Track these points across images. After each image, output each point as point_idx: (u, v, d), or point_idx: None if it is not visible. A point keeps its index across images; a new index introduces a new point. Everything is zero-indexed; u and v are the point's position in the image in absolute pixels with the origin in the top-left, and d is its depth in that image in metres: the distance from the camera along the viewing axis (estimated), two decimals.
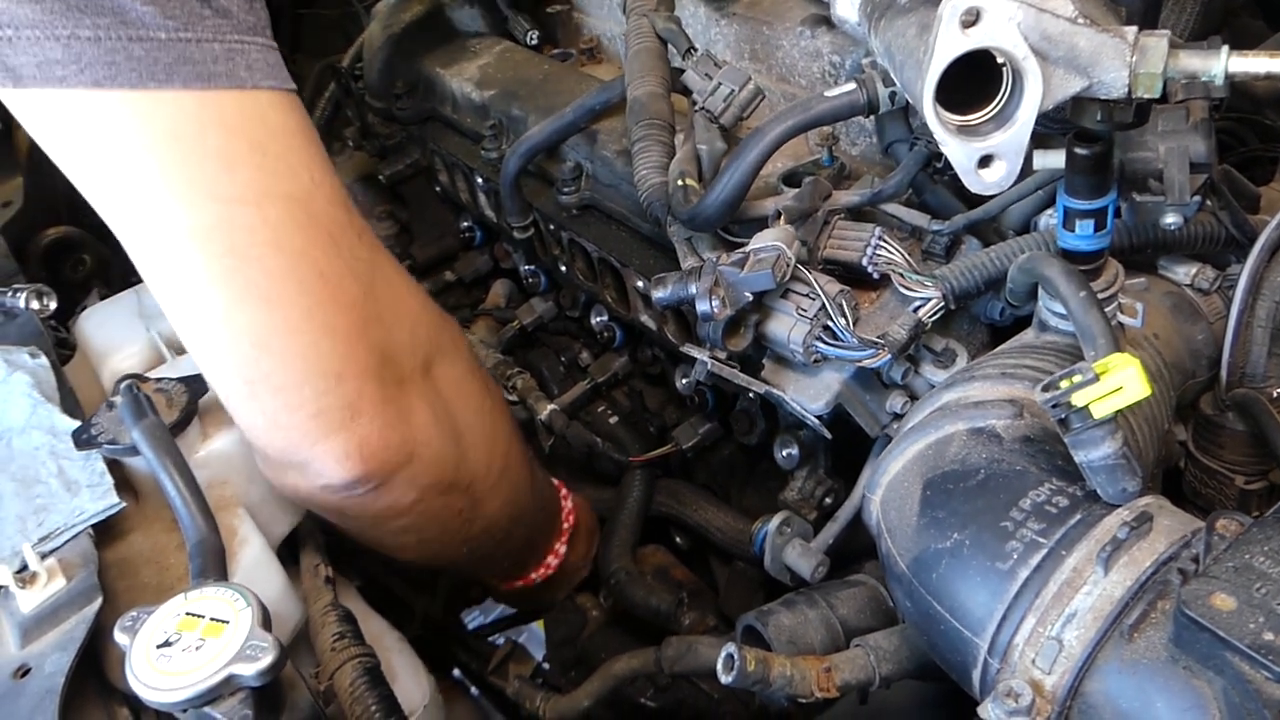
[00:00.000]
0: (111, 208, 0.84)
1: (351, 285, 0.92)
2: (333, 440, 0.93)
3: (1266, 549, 0.61)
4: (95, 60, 0.77)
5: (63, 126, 0.81)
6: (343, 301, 0.91)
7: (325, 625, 1.01)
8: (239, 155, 0.84)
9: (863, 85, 0.95)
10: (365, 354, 0.93)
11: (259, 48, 0.86)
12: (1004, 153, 0.74)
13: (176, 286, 0.87)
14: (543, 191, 1.39)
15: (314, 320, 0.89)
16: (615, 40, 1.60)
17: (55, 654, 0.82)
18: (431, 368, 1.03)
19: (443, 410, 1.04)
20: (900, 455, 0.82)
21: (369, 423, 0.94)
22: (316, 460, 0.94)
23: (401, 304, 1.00)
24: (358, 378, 0.93)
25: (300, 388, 0.90)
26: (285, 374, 0.90)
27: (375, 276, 0.95)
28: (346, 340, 0.91)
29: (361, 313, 0.93)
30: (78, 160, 0.83)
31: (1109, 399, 0.66)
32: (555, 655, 1.49)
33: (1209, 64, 0.71)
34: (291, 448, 0.94)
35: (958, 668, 0.72)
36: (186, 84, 0.80)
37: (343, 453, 0.93)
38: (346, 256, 0.91)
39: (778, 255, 0.95)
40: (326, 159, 0.93)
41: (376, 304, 0.95)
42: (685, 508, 1.42)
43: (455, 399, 1.07)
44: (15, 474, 0.95)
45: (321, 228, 0.89)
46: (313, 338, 0.89)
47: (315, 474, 0.95)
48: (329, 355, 0.91)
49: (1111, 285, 0.86)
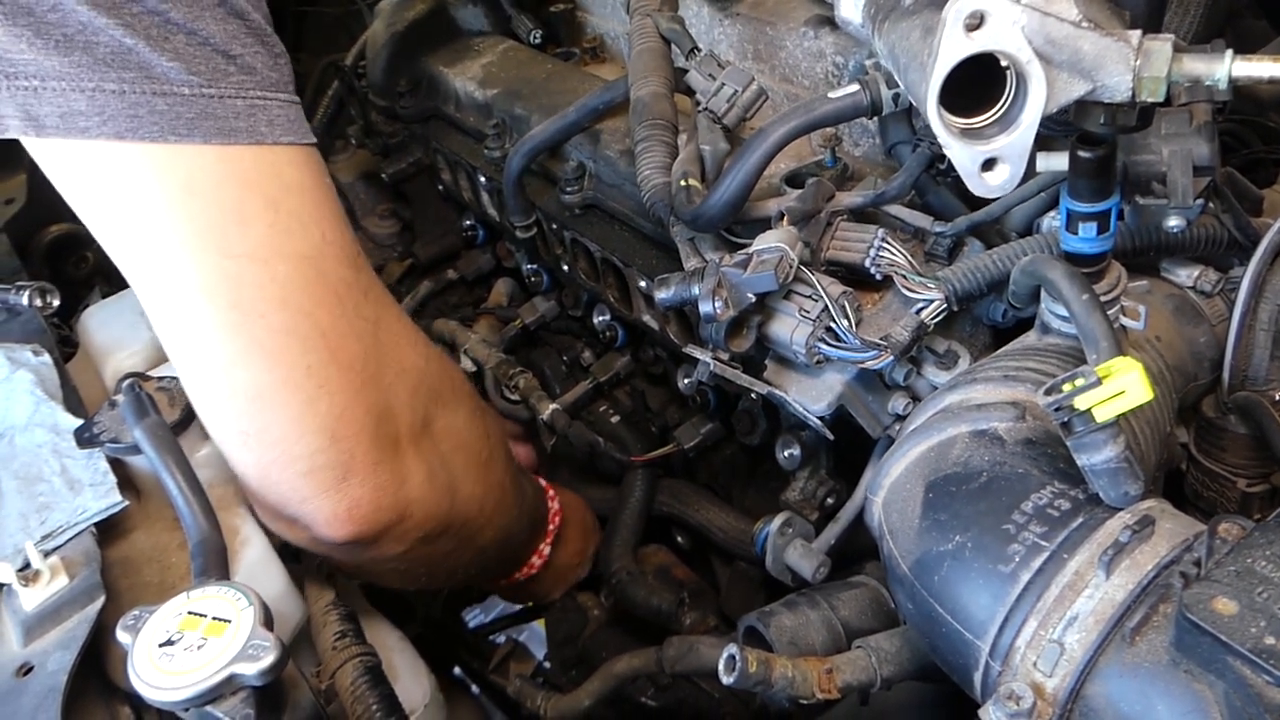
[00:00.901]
0: (124, 255, 0.86)
1: (354, 345, 0.92)
2: (323, 500, 0.93)
3: (1268, 553, 0.62)
4: (118, 113, 0.78)
5: (82, 175, 0.82)
6: (343, 361, 0.91)
7: (327, 624, 1.02)
8: (253, 212, 0.85)
9: (866, 87, 0.95)
10: (362, 415, 0.93)
11: (280, 103, 0.87)
12: (1007, 156, 0.74)
13: (180, 335, 0.88)
14: (546, 191, 1.39)
15: (313, 379, 0.89)
16: (619, 40, 1.60)
17: (58, 652, 0.82)
18: (431, 423, 1.04)
19: (439, 466, 1.04)
20: (903, 457, 0.82)
21: (361, 485, 0.94)
22: (306, 517, 0.95)
23: (404, 361, 1.00)
24: (352, 439, 0.93)
25: (294, 445, 0.91)
26: (280, 429, 0.90)
27: (379, 336, 0.96)
28: (344, 400, 0.92)
29: (361, 373, 0.93)
30: (94, 208, 0.84)
31: (1111, 403, 0.66)
32: (556, 654, 1.49)
33: (1213, 68, 0.70)
34: (283, 502, 0.95)
35: (959, 670, 0.72)
36: (207, 138, 0.81)
37: (332, 514, 0.94)
38: (351, 316, 0.92)
39: (780, 256, 0.95)
40: (340, 215, 0.94)
41: (378, 364, 0.95)
42: (687, 508, 1.42)
43: (453, 452, 1.08)
44: (18, 472, 0.95)
45: (329, 286, 0.90)
46: (310, 396, 0.90)
47: (304, 529, 0.96)
48: (325, 414, 0.91)
49: (1114, 288, 0.85)
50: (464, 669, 1.60)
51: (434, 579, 1.22)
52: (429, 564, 1.13)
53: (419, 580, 1.19)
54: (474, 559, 1.21)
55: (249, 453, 0.93)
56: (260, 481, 0.94)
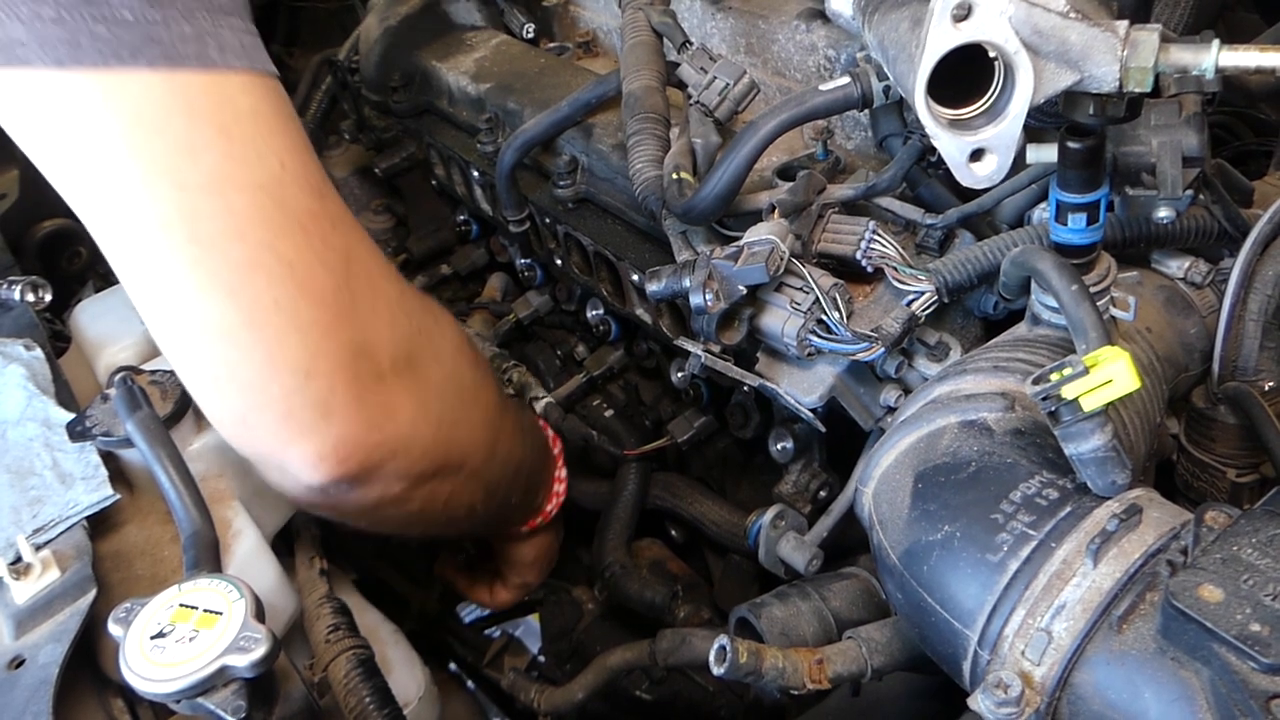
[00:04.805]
0: (74, 192, 0.82)
1: (323, 276, 0.88)
2: (305, 443, 0.90)
3: (1254, 541, 0.62)
4: (58, 40, 0.75)
5: (25, 107, 0.79)
6: (313, 294, 0.87)
7: (320, 617, 1.02)
8: (204, 141, 0.81)
9: (857, 79, 0.96)
10: (338, 349, 0.89)
11: (233, 29, 0.83)
12: (995, 146, 0.74)
13: (140, 274, 0.85)
14: (538, 185, 1.39)
15: (281, 313, 0.85)
16: (611, 34, 1.60)
17: (49, 645, 0.82)
18: (416, 358, 0.99)
19: (430, 400, 1.00)
20: (892, 448, 0.82)
21: (343, 423, 0.90)
22: (291, 463, 0.91)
23: (379, 296, 0.95)
24: (330, 374, 0.89)
25: (267, 385, 0.87)
26: (250, 369, 0.86)
27: (351, 267, 0.91)
28: (318, 334, 0.87)
29: (334, 306, 0.88)
30: (41, 143, 0.81)
31: (1099, 392, 0.66)
32: (551, 648, 1.50)
33: (1200, 58, 0.71)
34: (265, 449, 0.92)
35: (948, 659, 0.73)
36: (152, 64, 0.77)
37: (317, 456, 0.90)
38: (318, 247, 0.88)
39: (771, 248, 0.95)
40: (302, 143, 0.89)
41: (351, 296, 0.90)
42: (680, 501, 1.42)
43: (443, 386, 1.03)
44: (10, 466, 0.95)
45: (291, 217, 0.86)
46: (280, 331, 0.86)
47: (293, 476, 0.93)
48: (298, 350, 0.87)
49: (1104, 279, 0.86)
50: (458, 663, 1.61)
51: (455, 521, 1.16)
52: (442, 504, 1.08)
53: (438, 525, 1.14)
54: (489, 496, 1.16)
55: (222, 398, 0.89)
56: (238, 429, 0.91)
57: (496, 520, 1.32)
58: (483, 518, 1.20)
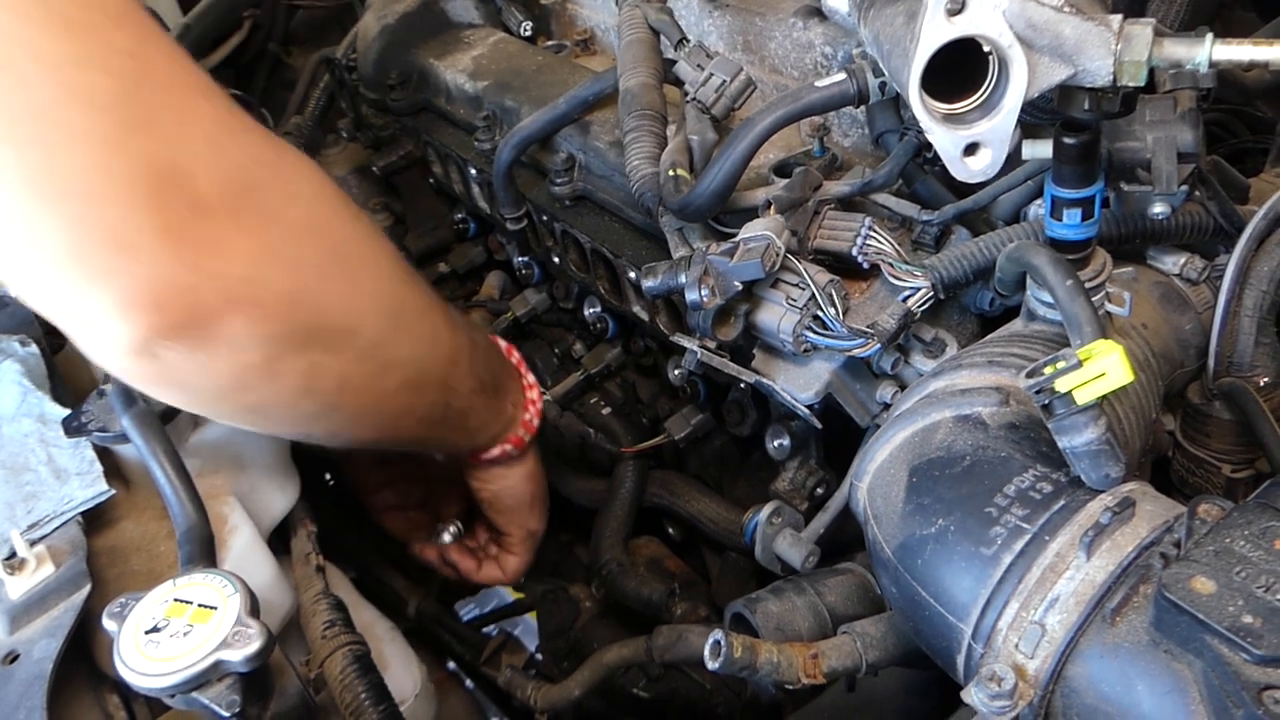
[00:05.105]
0: None
1: (101, 78, 0.73)
2: (104, 284, 0.73)
3: (1247, 533, 0.62)
4: None
5: None
6: (85, 98, 0.72)
7: (316, 613, 1.02)
8: None
9: (853, 75, 0.96)
10: (129, 167, 0.73)
11: None
12: (989, 140, 0.74)
13: None
14: (536, 183, 1.39)
15: (46, 120, 0.71)
16: (609, 32, 1.60)
17: (44, 640, 0.82)
18: (255, 191, 0.81)
19: (282, 243, 0.83)
20: (887, 442, 0.82)
21: (151, 260, 0.73)
22: (93, 316, 0.74)
23: (191, 110, 0.79)
24: (121, 199, 0.72)
25: (46, 214, 0.71)
26: (18, 195, 0.71)
27: (145, 72, 0.75)
28: (98, 149, 0.72)
29: (119, 114, 0.73)
30: None
31: (1092, 385, 0.66)
32: (548, 646, 1.50)
33: (1193, 51, 0.71)
34: (58, 304, 0.75)
35: (942, 653, 0.73)
36: None
37: (121, 300, 0.73)
38: (93, 45, 0.73)
39: (767, 244, 0.95)
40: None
41: (146, 106, 0.75)
42: (677, 499, 1.42)
43: (301, 231, 0.86)
44: (5, 461, 0.95)
45: (53, 10, 0.71)
46: (46, 145, 0.71)
47: (104, 335, 0.75)
48: (75, 167, 0.71)
49: (1099, 274, 0.86)
50: (456, 661, 1.61)
51: (379, 417, 1.00)
52: (341, 385, 0.92)
53: (363, 422, 1.00)
54: (411, 388, 1.00)
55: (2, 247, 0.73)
56: (22, 281, 0.75)
57: (456, 423, 1.13)
58: (427, 415, 1.04)
